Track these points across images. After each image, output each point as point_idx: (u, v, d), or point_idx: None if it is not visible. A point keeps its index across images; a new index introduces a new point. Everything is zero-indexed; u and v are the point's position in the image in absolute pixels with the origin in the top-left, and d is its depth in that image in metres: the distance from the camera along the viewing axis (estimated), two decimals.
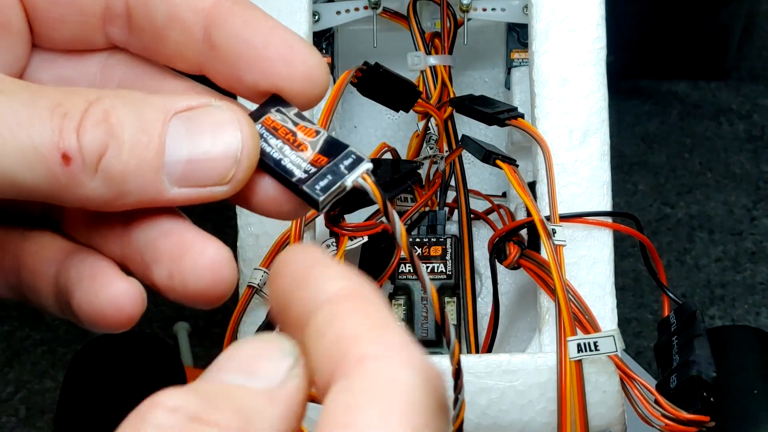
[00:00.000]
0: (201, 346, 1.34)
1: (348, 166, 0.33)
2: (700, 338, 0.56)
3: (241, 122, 0.32)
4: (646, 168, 1.54)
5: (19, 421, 1.28)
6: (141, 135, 0.31)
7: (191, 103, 0.32)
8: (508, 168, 0.56)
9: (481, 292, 0.67)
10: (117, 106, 0.31)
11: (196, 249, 0.32)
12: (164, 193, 0.32)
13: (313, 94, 0.34)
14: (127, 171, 0.31)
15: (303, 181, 0.33)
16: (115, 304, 0.32)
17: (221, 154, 0.32)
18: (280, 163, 0.33)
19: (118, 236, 0.33)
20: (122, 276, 0.33)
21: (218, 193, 0.32)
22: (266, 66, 0.33)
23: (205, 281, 0.32)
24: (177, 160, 0.31)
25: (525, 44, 0.67)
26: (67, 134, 0.31)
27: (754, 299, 1.37)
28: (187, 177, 0.32)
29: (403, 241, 0.33)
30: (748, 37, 1.71)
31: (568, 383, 0.51)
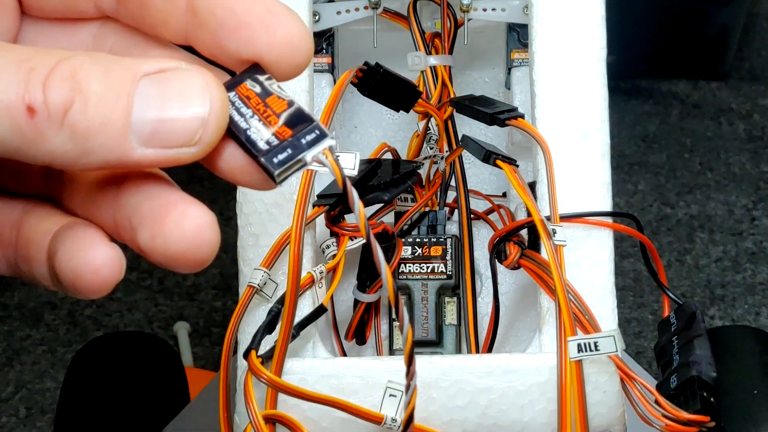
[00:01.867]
0: (201, 346, 1.34)
1: (310, 141, 0.33)
2: (700, 338, 0.56)
3: (210, 86, 0.32)
4: (646, 168, 1.54)
5: (19, 421, 1.28)
6: (108, 93, 0.31)
7: (161, 66, 0.32)
8: (509, 168, 0.56)
9: (482, 292, 0.67)
10: (85, 64, 0.31)
11: (178, 210, 0.32)
12: (131, 152, 0.32)
13: (294, 62, 0.34)
14: (93, 127, 0.31)
15: (263, 152, 0.32)
16: (92, 267, 0.33)
17: (189, 116, 0.32)
18: (246, 132, 0.33)
19: (109, 204, 0.34)
20: (104, 241, 0.33)
21: (185, 154, 0.32)
22: (247, 33, 0.33)
23: (186, 243, 0.32)
24: (144, 120, 0.31)
25: (525, 44, 0.67)
26: (33, 87, 0.31)
27: (754, 299, 1.37)
28: (154, 138, 0.32)
29: (361, 219, 0.32)
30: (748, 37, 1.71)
31: (568, 383, 0.51)
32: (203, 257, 0.32)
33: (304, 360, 0.55)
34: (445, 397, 0.54)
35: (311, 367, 0.54)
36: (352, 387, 0.54)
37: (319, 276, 0.56)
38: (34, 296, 1.42)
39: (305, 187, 0.53)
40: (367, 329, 0.63)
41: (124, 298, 1.40)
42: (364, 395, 0.53)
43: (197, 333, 1.36)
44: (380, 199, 0.60)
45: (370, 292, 0.61)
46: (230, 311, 0.56)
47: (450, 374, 0.54)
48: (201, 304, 1.40)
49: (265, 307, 0.56)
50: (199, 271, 0.33)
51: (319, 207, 0.57)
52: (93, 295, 0.33)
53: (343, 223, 0.58)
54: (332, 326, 0.63)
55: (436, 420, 0.54)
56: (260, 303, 0.56)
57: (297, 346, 0.56)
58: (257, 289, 0.56)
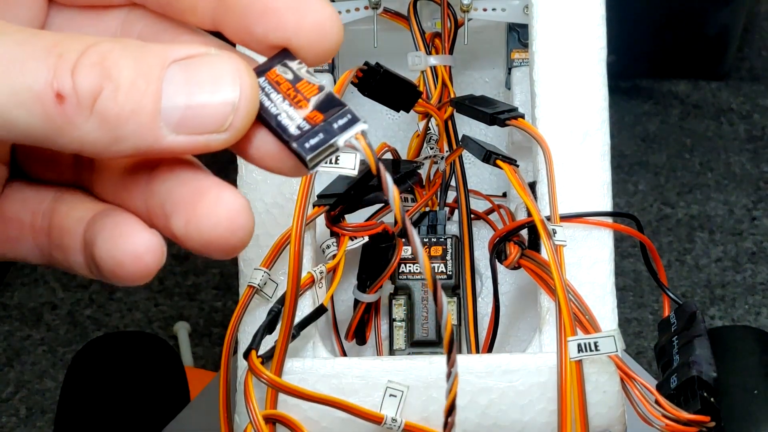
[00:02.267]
0: (201, 346, 1.34)
1: (342, 125, 0.32)
2: (700, 338, 0.56)
3: (240, 71, 0.32)
4: (646, 168, 1.54)
5: (20, 421, 1.28)
6: (138, 79, 0.31)
7: (191, 52, 0.32)
8: (509, 168, 0.56)
9: (482, 292, 0.67)
10: (115, 50, 0.31)
11: (211, 195, 0.32)
12: (161, 139, 0.31)
13: (323, 47, 0.33)
14: (123, 114, 0.31)
15: (294, 137, 0.32)
16: (134, 254, 0.32)
17: (219, 102, 0.31)
18: (277, 117, 0.32)
19: (141, 190, 0.33)
20: (144, 227, 0.33)
21: (216, 141, 0.32)
22: (275, 17, 0.33)
23: (220, 228, 0.32)
24: (175, 106, 0.31)
25: (525, 44, 0.67)
26: (62, 74, 0.31)
27: (754, 299, 1.37)
28: (185, 124, 0.31)
29: (396, 207, 0.32)
30: (748, 37, 1.71)
31: (568, 383, 0.51)
32: (238, 242, 0.32)
33: (304, 360, 0.55)
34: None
35: (311, 367, 0.54)
36: (352, 387, 0.54)
37: (319, 276, 0.56)
38: (34, 296, 1.41)
39: (305, 187, 0.53)
40: (367, 329, 0.63)
41: (124, 298, 1.40)
42: (364, 395, 0.53)
43: (197, 333, 1.36)
44: (380, 199, 0.60)
45: (370, 292, 0.61)
46: (230, 311, 0.56)
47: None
48: (201, 304, 1.40)
49: (265, 307, 0.56)
50: (233, 256, 0.33)
51: (319, 207, 0.57)
52: (134, 283, 0.33)
53: (343, 223, 0.58)
54: (332, 326, 0.63)
55: (437, 420, 0.54)
56: (260, 303, 0.56)
57: (297, 346, 0.56)
58: (257, 289, 0.56)
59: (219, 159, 0.37)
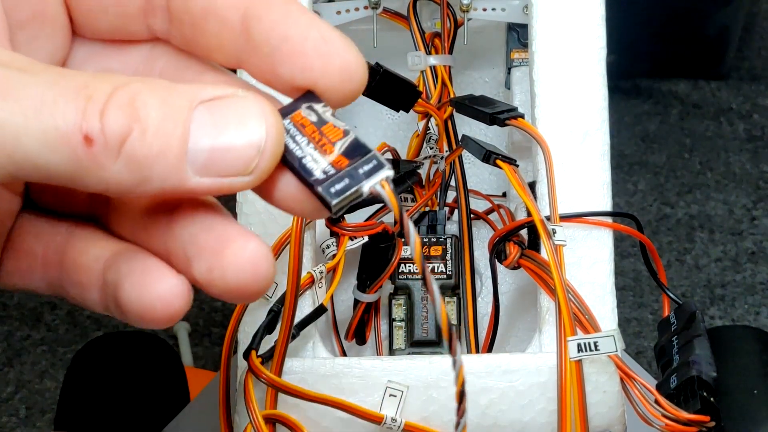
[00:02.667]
0: (201, 346, 1.34)
1: (367, 171, 0.32)
2: (700, 338, 0.56)
3: (266, 114, 0.32)
4: (646, 168, 1.54)
5: (20, 421, 1.28)
6: (165, 121, 0.31)
7: (217, 93, 0.32)
8: (509, 168, 0.56)
9: (482, 292, 0.67)
10: (143, 92, 0.31)
11: (237, 244, 0.32)
12: (187, 181, 0.31)
13: (348, 90, 0.34)
14: (150, 156, 0.31)
15: (320, 182, 0.32)
16: (164, 300, 0.32)
17: (245, 144, 0.31)
18: (302, 161, 0.32)
19: (162, 232, 0.33)
20: (171, 272, 0.33)
21: (241, 183, 0.32)
22: (302, 60, 0.33)
23: (245, 276, 0.32)
24: (200, 148, 0.31)
25: (525, 44, 0.67)
26: (91, 116, 0.30)
27: (754, 299, 1.37)
28: (210, 166, 0.31)
29: (417, 254, 0.32)
30: (748, 37, 1.71)
31: (568, 383, 0.51)
32: (260, 288, 0.32)
33: (304, 360, 0.55)
34: (445, 397, 0.54)
35: (311, 367, 0.54)
36: (352, 387, 0.54)
37: (319, 276, 0.56)
38: (34, 296, 1.42)
39: None
40: (367, 329, 0.63)
41: None
42: (364, 395, 0.53)
43: (197, 333, 1.36)
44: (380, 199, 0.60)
45: (370, 292, 0.61)
46: (230, 311, 0.56)
47: (450, 374, 0.54)
48: (201, 304, 1.40)
49: (265, 307, 0.55)
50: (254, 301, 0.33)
51: None
52: (161, 326, 0.33)
53: (343, 223, 0.58)
54: (332, 326, 0.63)
55: (437, 420, 0.54)
56: (260, 303, 0.56)
57: (297, 346, 0.56)
58: None
59: None
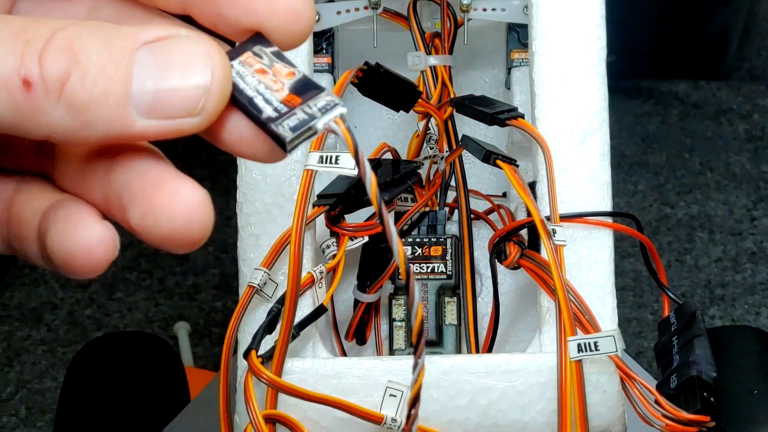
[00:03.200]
0: (201, 346, 1.34)
1: (321, 108, 0.32)
2: (700, 338, 0.56)
3: (212, 53, 0.31)
4: (646, 168, 1.54)
5: (20, 421, 1.28)
6: (106, 64, 0.30)
7: (160, 34, 0.31)
8: (509, 168, 0.56)
9: (482, 292, 0.67)
10: (83, 35, 0.31)
11: (169, 188, 0.31)
12: (132, 124, 0.31)
13: (295, 31, 0.33)
14: (92, 99, 0.30)
15: (273, 119, 0.32)
16: (85, 246, 0.32)
17: (190, 85, 0.31)
18: (253, 100, 0.32)
19: (100, 180, 0.33)
20: (97, 219, 0.32)
21: (188, 125, 0.31)
22: (246, 1, 0.32)
23: (178, 223, 0.31)
24: (144, 90, 0.31)
25: (525, 44, 0.67)
26: (29, 60, 0.30)
27: (754, 299, 1.37)
28: (155, 108, 0.31)
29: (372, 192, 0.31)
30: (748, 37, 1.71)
31: (568, 383, 0.51)
32: (196, 237, 0.31)
33: (304, 360, 0.55)
34: (445, 397, 0.54)
35: (311, 367, 0.54)
36: (352, 387, 0.54)
37: (319, 276, 0.56)
38: (34, 296, 1.42)
39: (305, 187, 0.53)
40: (367, 329, 0.63)
41: (124, 298, 1.40)
42: (364, 395, 0.53)
43: (197, 333, 1.36)
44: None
45: (370, 292, 0.61)
46: (230, 311, 0.56)
47: (450, 374, 0.54)
48: (201, 304, 1.40)
49: (265, 307, 0.56)
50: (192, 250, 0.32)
51: (319, 207, 0.57)
52: (86, 276, 0.32)
53: (343, 223, 0.58)
54: (332, 326, 0.63)
55: (436, 420, 0.54)
56: (260, 303, 0.56)
57: (297, 346, 0.56)
58: (257, 289, 0.56)
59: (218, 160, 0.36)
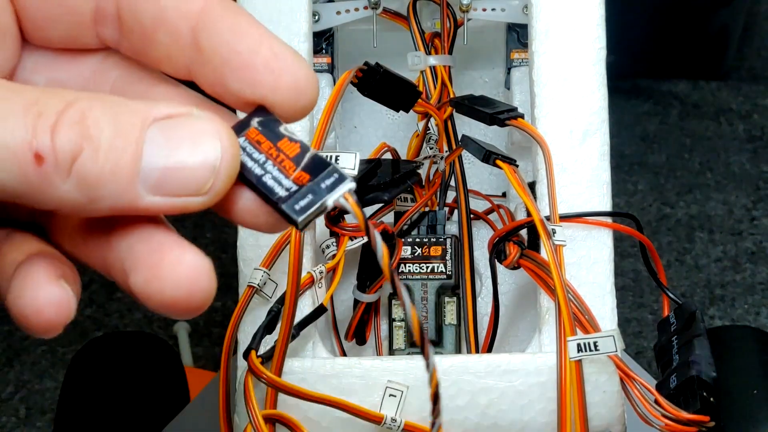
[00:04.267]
0: (201, 346, 1.34)
1: (330, 185, 0.32)
2: (700, 338, 0.56)
3: (221, 134, 0.31)
4: (646, 168, 1.54)
5: (19, 420, 1.28)
6: (117, 139, 0.30)
7: (171, 111, 0.31)
8: (508, 168, 0.56)
9: (481, 292, 0.67)
10: (95, 109, 0.30)
11: (173, 256, 0.31)
12: (139, 200, 0.31)
13: (299, 106, 0.33)
14: (102, 175, 0.30)
15: (283, 199, 0.32)
16: (34, 307, 0.31)
17: (199, 164, 0.31)
18: (261, 179, 0.32)
19: (101, 245, 0.33)
20: (51, 281, 0.32)
21: (195, 203, 0.31)
22: (251, 75, 0.33)
23: (181, 290, 0.31)
24: (153, 167, 0.31)
25: (525, 44, 0.67)
26: (41, 133, 0.30)
27: (754, 299, 1.36)
28: (163, 186, 0.31)
29: (384, 262, 0.32)
30: (748, 37, 1.71)
31: (568, 383, 0.51)
32: (199, 303, 0.32)
33: (304, 360, 0.55)
34: (445, 396, 0.54)
35: (311, 367, 0.54)
36: (352, 387, 0.54)
37: (319, 276, 0.56)
38: None
39: None
40: (367, 329, 0.63)
41: (124, 298, 1.40)
42: (364, 395, 0.53)
43: (197, 333, 1.36)
44: (380, 199, 0.60)
45: (369, 292, 0.61)
46: (230, 311, 0.56)
47: (450, 374, 0.54)
48: None
49: (265, 307, 0.56)
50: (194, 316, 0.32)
51: None
52: (40, 336, 0.32)
53: (342, 223, 0.58)
54: (332, 326, 0.63)
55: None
56: (260, 303, 0.56)
57: (297, 346, 0.56)
58: (257, 289, 0.56)
59: None
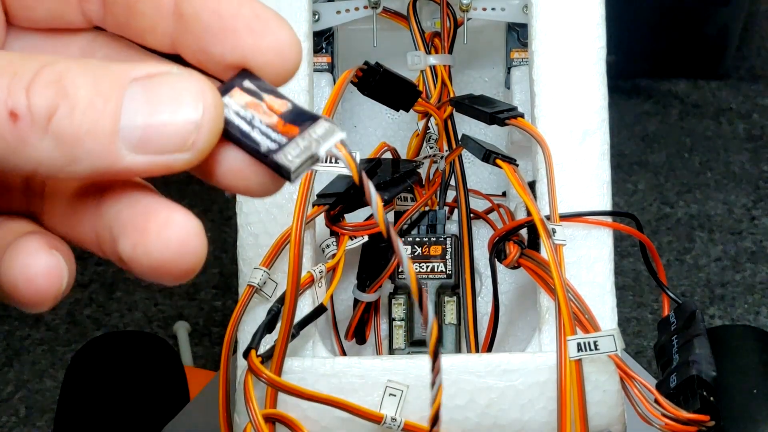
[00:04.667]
0: (201, 346, 1.34)
1: (321, 135, 0.32)
2: (699, 338, 0.56)
3: (203, 89, 0.31)
4: (646, 168, 1.54)
5: (19, 420, 1.28)
6: (96, 98, 0.30)
7: (151, 70, 0.31)
8: (508, 167, 0.56)
9: (481, 291, 0.67)
10: (72, 69, 0.30)
11: (161, 217, 0.31)
12: (120, 160, 0.30)
13: (283, 68, 0.33)
14: (80, 133, 0.30)
15: (273, 150, 0.31)
16: (26, 275, 0.31)
17: (181, 120, 0.31)
18: (249, 134, 0.32)
19: (89, 217, 0.32)
20: (42, 248, 0.32)
21: (179, 161, 0.31)
22: (233, 37, 0.32)
23: (170, 252, 0.30)
24: (134, 125, 0.30)
25: (525, 44, 0.67)
26: (16, 91, 0.30)
27: (754, 299, 1.37)
28: (145, 144, 0.30)
29: (379, 214, 0.31)
30: (748, 37, 1.71)
31: (568, 382, 0.51)
32: (189, 266, 0.31)
33: (303, 359, 0.55)
34: (445, 396, 0.54)
35: (311, 366, 0.54)
36: (352, 386, 0.54)
37: (319, 275, 0.56)
38: None
39: (305, 187, 0.53)
40: (366, 329, 0.63)
41: (124, 297, 1.40)
42: (363, 394, 0.53)
43: (197, 333, 1.36)
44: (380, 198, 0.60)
45: (369, 292, 0.61)
46: (230, 311, 0.56)
47: (450, 373, 0.54)
48: (201, 303, 1.40)
49: (264, 307, 0.56)
50: (184, 281, 0.31)
51: (319, 206, 0.57)
52: (32, 308, 0.32)
53: (342, 223, 0.58)
54: (332, 326, 0.63)
55: None
56: (260, 302, 0.56)
57: (297, 346, 0.56)
58: (257, 288, 0.56)
59: None
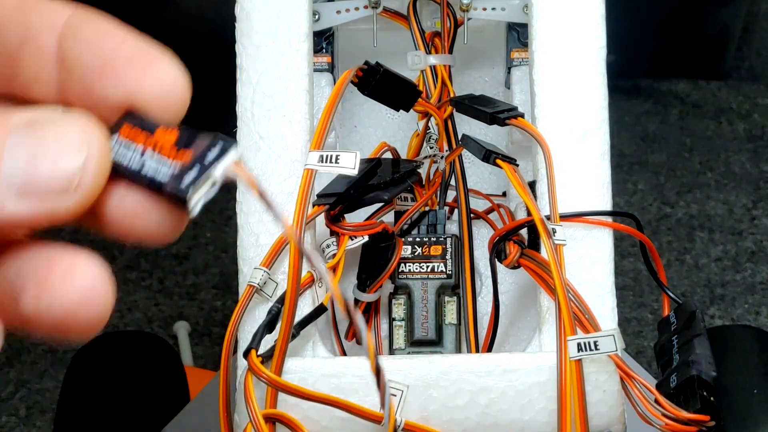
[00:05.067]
0: (201, 346, 1.34)
1: (216, 156, 0.29)
2: (700, 338, 0.56)
3: (88, 128, 0.30)
4: (646, 168, 1.54)
5: (19, 420, 1.28)
6: None
7: (34, 115, 0.30)
8: (508, 167, 0.56)
9: (481, 291, 0.67)
10: None
11: (63, 263, 0.30)
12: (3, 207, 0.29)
13: (168, 104, 0.31)
14: None
15: (167, 182, 0.29)
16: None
17: (66, 162, 0.29)
18: (139, 169, 0.30)
19: None
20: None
21: (65, 206, 0.29)
22: (114, 75, 0.31)
23: (73, 298, 0.29)
24: (15, 170, 0.29)
25: (525, 44, 0.67)
26: None
27: (754, 299, 1.37)
28: (28, 187, 0.29)
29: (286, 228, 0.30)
30: (748, 37, 1.71)
31: (568, 383, 0.51)
32: (95, 316, 0.29)
33: (304, 359, 0.55)
34: (445, 396, 0.54)
35: (311, 366, 0.54)
36: (352, 386, 0.54)
37: (319, 275, 0.56)
38: None
39: (305, 187, 0.53)
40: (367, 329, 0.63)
41: (124, 297, 1.40)
42: (364, 394, 0.53)
43: (197, 333, 1.36)
44: (380, 198, 0.60)
45: (370, 292, 0.61)
46: (230, 311, 0.56)
47: (450, 374, 0.54)
48: (201, 303, 1.40)
49: (265, 307, 0.56)
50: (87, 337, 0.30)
51: (318, 206, 0.57)
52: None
53: (343, 223, 0.58)
54: (332, 326, 0.63)
55: (436, 419, 0.54)
56: (260, 302, 0.56)
57: (297, 346, 0.56)
58: (257, 288, 0.56)
59: None
